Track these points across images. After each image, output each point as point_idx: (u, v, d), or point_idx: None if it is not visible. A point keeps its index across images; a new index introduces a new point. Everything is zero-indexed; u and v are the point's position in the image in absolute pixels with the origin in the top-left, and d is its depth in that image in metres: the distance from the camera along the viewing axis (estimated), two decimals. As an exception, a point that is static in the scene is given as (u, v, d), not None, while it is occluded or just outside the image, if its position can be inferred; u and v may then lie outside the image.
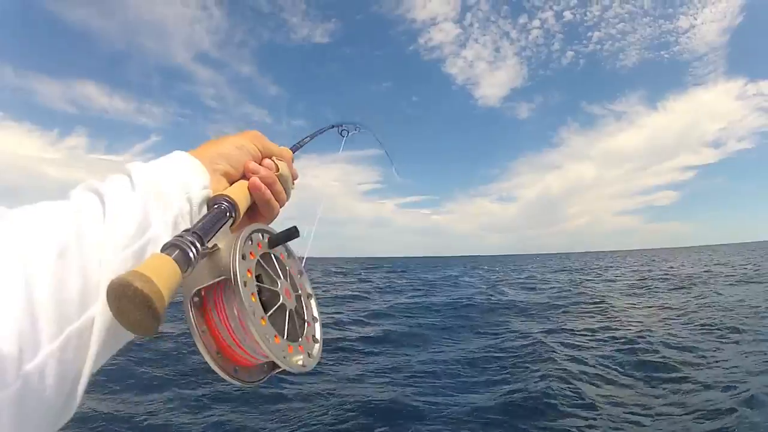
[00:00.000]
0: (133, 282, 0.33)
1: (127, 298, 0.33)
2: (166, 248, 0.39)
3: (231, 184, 0.59)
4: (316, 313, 0.62)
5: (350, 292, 15.67)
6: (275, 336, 0.48)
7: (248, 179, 0.61)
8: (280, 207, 0.67)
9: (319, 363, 0.56)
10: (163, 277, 0.35)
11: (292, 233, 0.57)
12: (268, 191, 0.62)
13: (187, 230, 0.43)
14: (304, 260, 0.67)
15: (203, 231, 0.44)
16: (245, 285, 0.46)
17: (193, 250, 0.40)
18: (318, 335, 0.60)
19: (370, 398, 4.80)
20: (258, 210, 0.63)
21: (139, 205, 0.44)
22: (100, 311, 0.37)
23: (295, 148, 0.79)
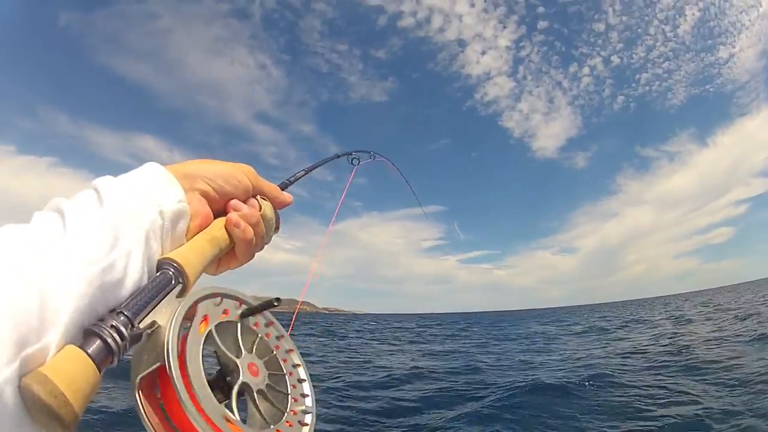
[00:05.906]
0: (31, 386, 0.30)
1: (30, 402, 0.30)
2: (86, 337, 0.35)
3: (212, 209, 0.55)
4: (307, 390, 0.51)
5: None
6: (228, 422, 0.38)
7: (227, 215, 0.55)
8: (258, 251, 0.60)
9: None
10: (71, 378, 0.31)
11: (271, 304, 0.48)
12: (251, 230, 0.56)
13: (113, 310, 0.37)
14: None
15: (134, 310, 0.38)
16: (190, 365, 0.39)
17: (116, 337, 0.35)
18: (309, 420, 0.48)
19: None
20: (233, 251, 0.57)
21: (106, 219, 0.41)
22: (57, 339, 0.33)
23: (284, 185, 0.73)
